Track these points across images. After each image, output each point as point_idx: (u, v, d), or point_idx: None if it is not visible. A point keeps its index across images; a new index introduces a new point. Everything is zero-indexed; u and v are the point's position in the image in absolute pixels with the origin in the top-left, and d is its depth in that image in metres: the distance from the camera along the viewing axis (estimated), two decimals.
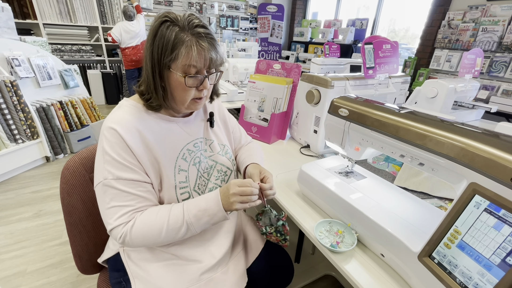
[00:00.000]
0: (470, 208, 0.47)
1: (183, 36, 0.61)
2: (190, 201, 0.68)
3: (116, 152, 0.63)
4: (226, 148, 0.84)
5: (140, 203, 0.65)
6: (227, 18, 5.18)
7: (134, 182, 0.64)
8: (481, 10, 2.71)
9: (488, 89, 2.63)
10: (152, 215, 0.65)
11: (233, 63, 2.25)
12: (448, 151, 0.50)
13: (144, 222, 0.64)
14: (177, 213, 0.65)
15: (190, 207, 0.66)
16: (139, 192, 0.65)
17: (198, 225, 0.66)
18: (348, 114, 0.74)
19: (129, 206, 0.64)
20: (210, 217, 0.66)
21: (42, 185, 2.22)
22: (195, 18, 0.63)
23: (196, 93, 0.68)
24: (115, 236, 0.64)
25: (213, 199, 0.67)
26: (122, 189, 0.63)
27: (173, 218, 0.65)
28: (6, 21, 2.50)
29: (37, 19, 3.73)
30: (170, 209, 0.66)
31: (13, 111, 2.22)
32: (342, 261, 0.64)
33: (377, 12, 4.12)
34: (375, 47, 1.13)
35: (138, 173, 0.65)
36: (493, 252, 0.43)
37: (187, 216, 0.65)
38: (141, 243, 0.66)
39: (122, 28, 3.51)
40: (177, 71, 0.63)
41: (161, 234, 0.64)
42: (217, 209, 0.66)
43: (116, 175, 0.62)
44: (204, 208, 0.66)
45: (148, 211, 0.66)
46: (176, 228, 0.64)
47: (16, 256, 1.53)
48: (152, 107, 0.69)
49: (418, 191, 0.91)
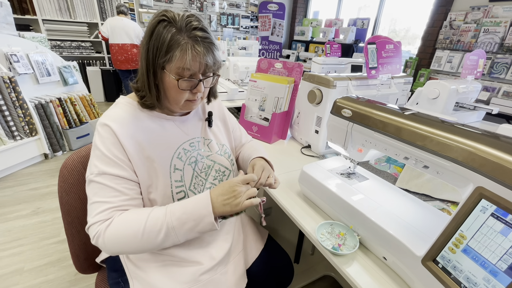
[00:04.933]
0: (476, 213, 0.46)
1: (179, 38, 0.59)
2: (175, 203, 0.63)
3: (106, 147, 0.62)
4: (225, 148, 0.83)
5: (123, 202, 0.62)
6: (228, 16, 5.15)
7: (120, 178, 0.62)
8: (483, 11, 2.71)
9: (489, 91, 2.63)
10: (130, 216, 0.60)
11: (233, 62, 2.23)
12: (456, 154, 0.49)
13: (120, 222, 0.59)
14: (158, 214, 0.60)
15: (174, 209, 0.61)
16: (123, 189, 0.62)
17: (181, 231, 0.60)
18: (352, 115, 0.73)
19: (110, 203, 0.60)
20: (195, 222, 0.60)
21: (40, 182, 2.20)
22: (194, 20, 0.61)
23: (190, 95, 0.67)
24: (90, 235, 0.59)
25: (201, 200, 0.62)
26: (105, 184, 0.60)
27: (152, 220, 0.59)
28: (5, 17, 2.47)
29: (36, 15, 3.70)
30: (152, 210, 0.61)
31: (11, 108, 2.20)
32: (344, 264, 0.63)
33: (378, 11, 4.11)
34: (378, 47, 1.12)
35: (125, 170, 0.63)
36: (500, 258, 0.42)
37: (169, 218, 0.59)
38: (115, 247, 0.60)
39: (110, 23, 3.34)
40: (171, 73, 0.62)
41: (136, 237, 0.58)
42: (205, 213, 0.60)
43: (102, 170, 0.61)
44: (190, 211, 0.60)
45: (128, 212, 0.61)
46: (154, 231, 0.58)
47: (13, 254, 1.52)
48: (146, 105, 0.68)
49: (420, 193, 0.91)
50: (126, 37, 3.42)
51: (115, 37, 3.39)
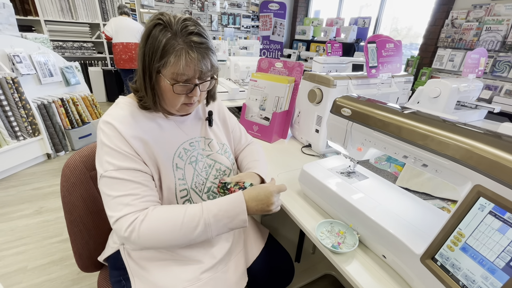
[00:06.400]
0: (474, 211, 0.46)
1: (174, 43, 0.59)
2: (209, 202, 0.65)
3: (114, 143, 0.62)
4: (225, 147, 0.84)
5: (145, 192, 0.63)
6: (229, 16, 5.16)
7: (136, 171, 0.63)
8: (485, 9, 2.69)
9: (491, 89, 2.61)
10: (167, 211, 0.62)
11: (234, 61, 2.24)
12: (454, 152, 0.50)
13: (156, 216, 0.60)
14: (195, 211, 0.62)
15: (210, 206, 0.64)
16: (142, 181, 0.63)
17: (216, 227, 0.63)
18: (351, 114, 0.73)
19: (134, 195, 0.61)
20: (230, 219, 0.63)
21: (43, 182, 2.22)
22: (191, 24, 0.61)
23: (186, 98, 0.67)
24: (120, 229, 0.59)
25: (236, 199, 0.65)
26: (125, 178, 0.61)
27: (190, 215, 0.61)
28: (8, 18, 2.49)
29: (38, 16, 3.72)
30: (187, 207, 0.64)
31: (14, 108, 2.22)
32: (343, 262, 0.64)
33: (379, 10, 4.09)
34: (378, 46, 1.12)
35: (139, 163, 0.64)
36: (498, 255, 0.43)
37: (206, 214, 0.62)
38: (150, 241, 0.60)
39: (114, 22, 3.35)
40: (166, 77, 0.62)
41: (174, 231, 0.60)
42: (239, 211, 0.64)
43: (117, 165, 0.61)
44: (226, 209, 0.63)
45: (162, 207, 0.63)
46: (191, 226, 0.60)
47: (17, 253, 1.53)
48: (144, 107, 0.69)
49: (420, 192, 0.91)
50: (131, 36, 3.45)
51: (119, 36, 3.40)
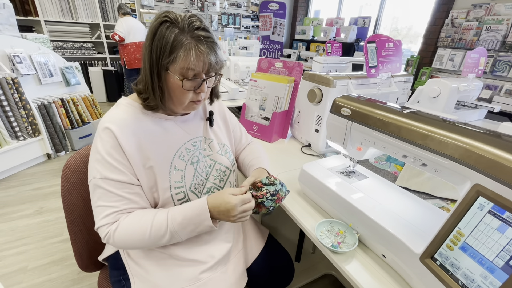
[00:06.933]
0: (474, 210, 0.46)
1: (182, 38, 0.60)
2: (175, 209, 0.66)
3: (107, 151, 0.63)
4: (226, 148, 0.84)
5: (126, 205, 0.65)
6: (229, 16, 5.16)
7: (121, 183, 0.64)
8: (485, 8, 2.69)
9: (491, 89, 2.61)
10: (135, 221, 0.64)
11: (234, 61, 2.24)
12: (452, 152, 0.50)
13: (126, 226, 0.63)
14: (161, 221, 0.64)
15: (175, 215, 0.65)
16: (125, 193, 0.65)
17: (183, 233, 0.65)
18: (350, 113, 0.73)
19: (114, 208, 0.64)
20: (195, 226, 0.65)
21: (44, 182, 2.22)
22: (196, 20, 0.62)
23: (193, 95, 0.68)
24: (100, 234, 0.65)
25: (199, 207, 0.65)
26: (108, 189, 0.63)
27: (156, 226, 0.63)
28: (8, 18, 2.49)
29: (38, 16, 3.72)
30: (154, 216, 0.65)
31: (14, 108, 2.22)
32: (343, 262, 0.64)
33: (379, 10, 4.09)
34: (378, 45, 1.12)
35: (126, 175, 0.65)
36: (497, 254, 0.43)
37: (171, 224, 0.64)
38: (124, 246, 0.67)
39: (126, 23, 3.43)
40: (175, 73, 0.62)
41: (143, 240, 0.64)
42: (203, 218, 0.64)
43: (104, 175, 0.63)
44: (190, 217, 0.64)
45: (132, 215, 0.65)
46: (159, 235, 0.64)
47: (17, 253, 1.54)
48: (149, 107, 0.69)
49: (420, 191, 0.91)
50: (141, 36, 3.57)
51: (131, 36, 3.50)
